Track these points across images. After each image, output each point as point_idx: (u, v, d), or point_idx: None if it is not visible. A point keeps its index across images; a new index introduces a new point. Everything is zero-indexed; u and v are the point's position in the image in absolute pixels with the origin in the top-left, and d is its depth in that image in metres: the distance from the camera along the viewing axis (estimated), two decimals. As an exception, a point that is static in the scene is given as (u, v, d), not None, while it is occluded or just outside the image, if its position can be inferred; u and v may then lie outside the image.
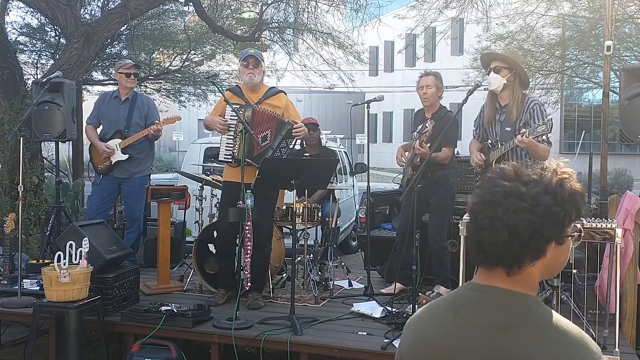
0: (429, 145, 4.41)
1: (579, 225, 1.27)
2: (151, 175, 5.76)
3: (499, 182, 1.25)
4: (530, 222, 1.20)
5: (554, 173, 1.25)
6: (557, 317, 1.22)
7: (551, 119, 3.72)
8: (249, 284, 3.86)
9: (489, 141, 4.23)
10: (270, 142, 4.35)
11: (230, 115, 4.39)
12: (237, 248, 4.59)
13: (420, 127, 4.79)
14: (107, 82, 10.64)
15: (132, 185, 5.36)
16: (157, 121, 5.32)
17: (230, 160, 4.40)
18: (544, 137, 3.72)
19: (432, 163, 4.36)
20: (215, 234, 4.85)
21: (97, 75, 10.48)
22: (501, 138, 4.08)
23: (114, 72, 5.60)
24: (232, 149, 4.37)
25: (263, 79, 4.61)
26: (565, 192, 1.23)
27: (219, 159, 4.59)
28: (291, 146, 4.51)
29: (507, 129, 4.04)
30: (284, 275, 5.10)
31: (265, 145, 4.32)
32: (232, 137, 4.37)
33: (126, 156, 5.28)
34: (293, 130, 4.37)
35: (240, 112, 4.30)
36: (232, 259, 4.54)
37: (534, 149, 3.81)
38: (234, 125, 4.36)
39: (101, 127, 5.44)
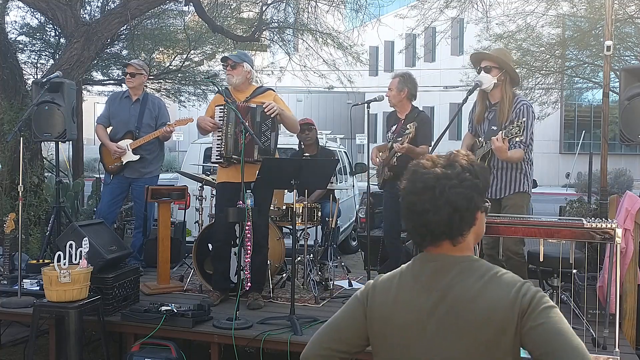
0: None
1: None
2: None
3: (424, 172, 1.50)
4: (463, 194, 1.47)
5: (459, 156, 1.52)
6: (494, 267, 1.50)
7: (525, 120, 3.68)
8: (249, 284, 3.86)
9: (480, 138, 4.22)
10: (251, 133, 4.24)
11: (219, 116, 4.40)
12: (232, 249, 4.60)
13: (394, 127, 4.79)
14: (107, 82, 10.64)
15: (142, 185, 5.34)
16: (168, 122, 5.34)
17: (220, 160, 4.40)
18: (516, 139, 3.70)
19: (408, 159, 4.35)
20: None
21: (97, 75, 10.48)
22: (486, 136, 4.06)
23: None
24: (220, 148, 4.38)
25: (251, 79, 4.57)
26: (476, 168, 1.52)
27: (212, 161, 4.60)
28: (271, 124, 4.40)
29: (493, 127, 4.02)
30: (284, 275, 5.10)
31: (248, 137, 4.24)
32: (220, 137, 4.38)
33: (137, 157, 5.31)
34: (265, 111, 4.31)
35: (224, 110, 4.33)
36: (227, 260, 4.54)
37: (504, 156, 3.76)
38: (222, 126, 4.37)
39: (111, 126, 5.47)
